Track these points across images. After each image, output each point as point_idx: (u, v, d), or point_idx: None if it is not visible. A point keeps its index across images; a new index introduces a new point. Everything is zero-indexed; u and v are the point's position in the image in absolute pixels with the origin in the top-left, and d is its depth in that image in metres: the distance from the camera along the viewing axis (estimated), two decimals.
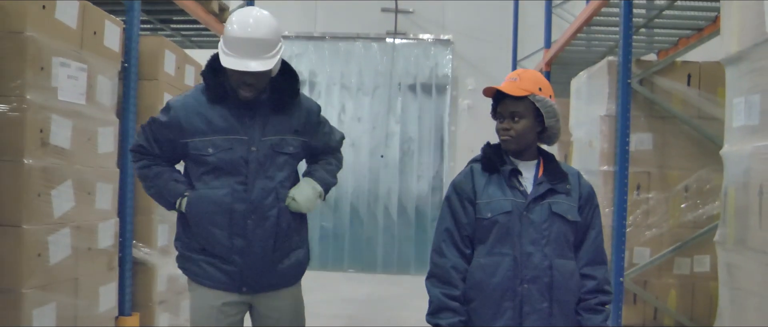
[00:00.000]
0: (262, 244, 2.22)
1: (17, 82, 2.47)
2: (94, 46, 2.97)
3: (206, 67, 2.25)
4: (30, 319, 2.52)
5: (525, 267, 1.93)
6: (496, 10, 8.11)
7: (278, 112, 2.26)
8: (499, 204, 1.96)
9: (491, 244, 1.97)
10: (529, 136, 1.99)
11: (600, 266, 2.00)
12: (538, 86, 1.98)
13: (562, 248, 1.96)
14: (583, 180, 2.07)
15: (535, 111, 1.97)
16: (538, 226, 1.95)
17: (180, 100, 2.26)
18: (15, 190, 2.47)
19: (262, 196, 2.20)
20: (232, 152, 2.19)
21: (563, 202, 1.97)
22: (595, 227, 2.02)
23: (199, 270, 2.26)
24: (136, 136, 2.35)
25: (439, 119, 8.30)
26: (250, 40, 2.12)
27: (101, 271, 3.09)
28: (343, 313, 5.55)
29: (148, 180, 2.30)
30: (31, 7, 2.52)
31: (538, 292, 1.93)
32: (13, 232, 2.47)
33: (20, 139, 2.47)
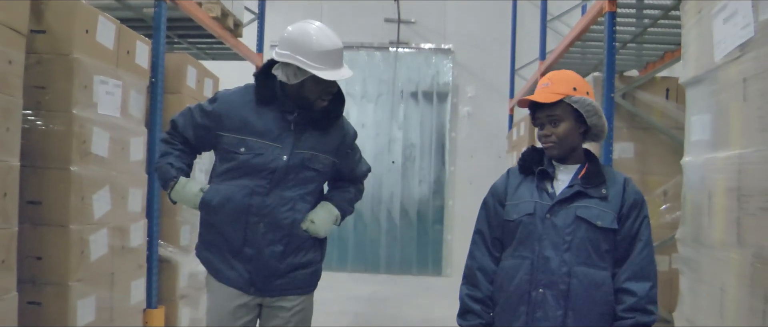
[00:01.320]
0: (270, 250, 2.23)
1: (65, 99, 2.79)
2: (128, 64, 3.29)
3: (260, 70, 2.29)
4: (75, 309, 2.84)
5: (542, 271, 1.86)
6: (494, 21, 8.40)
7: (318, 128, 2.28)
8: (524, 205, 1.91)
9: (514, 246, 1.93)
10: (572, 139, 1.91)
11: (643, 282, 1.83)
12: (572, 86, 1.90)
13: (587, 256, 1.84)
14: (631, 187, 1.92)
15: (574, 112, 1.89)
16: (560, 230, 1.86)
17: (228, 94, 2.31)
18: (63, 194, 2.78)
19: (278, 204, 2.21)
20: (262, 157, 2.21)
21: (594, 207, 1.87)
22: (643, 239, 1.86)
23: (216, 264, 2.30)
24: (178, 115, 2.37)
25: (440, 126, 8.60)
26: (339, 50, 2.18)
27: (132, 268, 3.41)
28: (349, 310, 5.84)
29: (159, 155, 2.38)
30: (77, 31, 2.83)
31: (554, 298, 1.84)
32: (61, 232, 2.79)
33: (67, 149, 2.79)
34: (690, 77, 2.27)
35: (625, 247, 1.86)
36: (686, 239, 2.29)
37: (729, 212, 1.96)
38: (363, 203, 8.74)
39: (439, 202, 8.56)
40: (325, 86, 2.19)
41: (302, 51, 2.15)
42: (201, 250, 2.37)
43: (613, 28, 3.59)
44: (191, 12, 4.19)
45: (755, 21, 1.85)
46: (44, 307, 2.76)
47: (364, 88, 8.67)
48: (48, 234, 2.77)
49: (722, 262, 1.99)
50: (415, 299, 6.72)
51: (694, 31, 2.28)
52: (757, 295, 1.78)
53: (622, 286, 1.84)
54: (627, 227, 1.87)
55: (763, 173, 1.78)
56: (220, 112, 2.25)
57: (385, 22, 8.58)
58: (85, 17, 2.88)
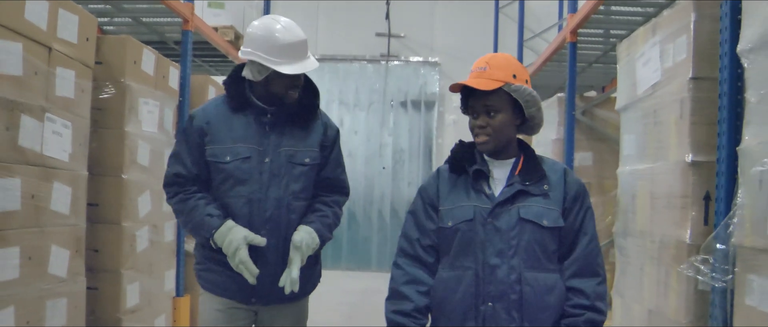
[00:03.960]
0: (274, 255, 2.18)
1: (118, 119, 3.37)
2: (163, 87, 3.87)
3: (229, 77, 2.25)
4: (125, 293, 3.41)
5: (489, 282, 1.67)
6: (478, 36, 9.02)
7: (297, 125, 2.23)
8: (461, 211, 1.72)
9: (453, 255, 1.73)
10: (508, 132, 1.73)
11: (591, 279, 1.68)
12: (511, 73, 1.70)
13: (536, 259, 1.67)
14: (571, 177, 1.76)
15: (512, 102, 1.70)
16: (504, 234, 1.68)
17: (201, 109, 2.27)
18: (117, 197, 3.36)
19: (275, 207, 2.17)
20: (249, 161, 2.17)
21: (536, 206, 1.69)
22: (588, 233, 1.71)
23: (215, 278, 2.23)
24: (168, 168, 2.26)
25: (428, 132, 9.23)
26: (301, 41, 2.14)
27: (166, 260, 3.98)
28: (345, 302, 6.44)
29: (182, 215, 2.22)
30: (127, 62, 3.41)
31: (505, 311, 1.66)
32: (115, 229, 3.36)
33: (120, 160, 3.37)
34: (622, 105, 2.91)
35: (570, 241, 1.71)
36: (619, 231, 2.92)
37: (645, 210, 2.59)
38: (356, 204, 9.35)
39: None
40: (291, 80, 2.14)
41: (263, 47, 2.11)
42: (201, 268, 2.29)
43: (575, 56, 4.22)
44: (210, 37, 4.77)
45: (661, 67, 2.49)
46: (100, 291, 3.33)
47: (356, 97, 9.27)
48: (103, 230, 3.34)
49: (642, 248, 2.62)
50: None
51: (624, 68, 2.92)
52: (662, 271, 2.41)
53: (567, 283, 1.69)
54: (570, 221, 1.71)
55: (666, 181, 2.42)
56: (201, 127, 2.20)
57: (376, 36, 9.16)
58: (133, 50, 3.46)
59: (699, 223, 2.23)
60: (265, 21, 2.19)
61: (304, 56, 2.17)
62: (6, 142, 2.39)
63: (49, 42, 2.65)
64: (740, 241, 1.87)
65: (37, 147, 2.59)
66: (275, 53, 2.12)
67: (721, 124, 2.08)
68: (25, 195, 2.50)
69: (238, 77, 2.23)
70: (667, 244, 2.39)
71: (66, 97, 2.80)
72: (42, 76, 2.61)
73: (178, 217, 2.28)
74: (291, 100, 2.19)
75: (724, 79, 2.07)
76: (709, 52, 2.22)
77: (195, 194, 2.21)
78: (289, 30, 2.15)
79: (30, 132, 2.53)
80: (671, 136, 2.42)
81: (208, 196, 2.22)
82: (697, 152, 2.26)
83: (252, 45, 2.15)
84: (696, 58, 2.26)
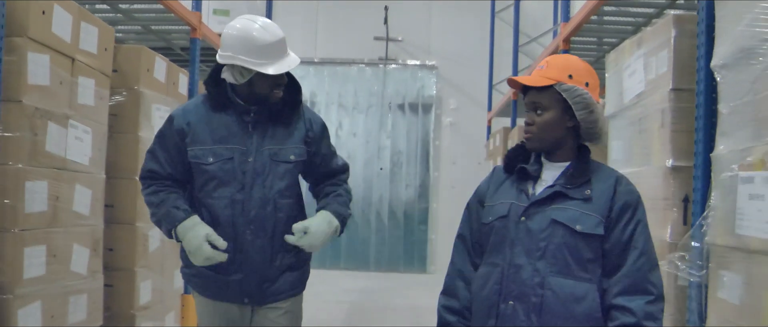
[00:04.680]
0: (260, 255, 2.16)
1: (133, 124, 3.54)
2: (173, 93, 4.04)
3: (209, 77, 2.22)
4: (139, 290, 3.58)
5: (512, 281, 1.65)
6: (475, 40, 9.21)
7: (279, 121, 2.21)
8: (499, 207, 1.72)
9: (489, 252, 1.73)
10: (555, 132, 1.66)
11: (640, 297, 1.57)
12: (567, 73, 1.66)
13: (565, 265, 1.61)
14: (623, 187, 1.67)
15: (562, 102, 1.65)
16: (534, 235, 1.64)
17: (181, 109, 2.25)
18: (131, 199, 3.52)
19: (259, 206, 2.14)
20: (232, 162, 2.14)
21: (573, 210, 1.63)
22: (638, 247, 1.60)
23: (203, 282, 2.22)
24: (144, 163, 2.28)
25: (425, 135, 9.41)
26: (279, 40, 2.12)
27: (175, 259, 4.13)
28: (345, 301, 6.61)
29: (152, 206, 2.22)
30: (142, 70, 3.59)
31: (524, 312, 1.62)
32: (129, 229, 3.53)
33: (135, 163, 3.53)
34: (610, 112, 3.10)
35: (617, 256, 1.61)
36: None
37: None
38: (354, 205, 9.49)
39: (423, 204, 9.37)
40: (275, 79, 2.13)
41: (243, 49, 2.08)
42: (191, 275, 2.26)
43: None
44: (215, 43, 4.93)
45: (645, 79, 2.67)
46: (115, 288, 3.49)
47: (355, 100, 9.45)
48: (119, 230, 3.50)
49: None
50: (402, 292, 7.51)
51: (612, 78, 3.10)
52: None
53: (614, 301, 1.58)
54: (617, 233, 1.61)
55: (650, 184, 2.60)
56: (181, 128, 2.18)
57: (374, 40, 9.34)
58: (146, 58, 3.63)
59: (679, 223, 2.41)
60: (243, 22, 2.14)
61: (284, 54, 2.15)
62: (35, 148, 2.56)
63: (72, 53, 2.82)
64: (713, 239, 2.05)
65: (61, 152, 2.76)
66: (256, 54, 2.09)
67: (698, 132, 2.27)
68: (51, 197, 2.67)
69: (219, 78, 2.19)
70: None
71: (87, 105, 2.98)
72: (66, 85, 2.79)
73: (149, 209, 2.25)
74: (275, 98, 2.17)
75: (700, 91, 2.26)
76: (689, 66, 2.40)
77: (168, 188, 2.21)
78: (267, 30, 2.12)
79: (55, 138, 2.70)
80: (654, 142, 2.60)
81: (180, 192, 2.22)
82: (677, 158, 2.44)
83: (231, 49, 2.10)
84: (676, 71, 2.45)
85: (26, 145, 2.50)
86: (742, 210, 1.85)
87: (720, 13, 2.11)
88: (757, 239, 1.77)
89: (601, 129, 1.71)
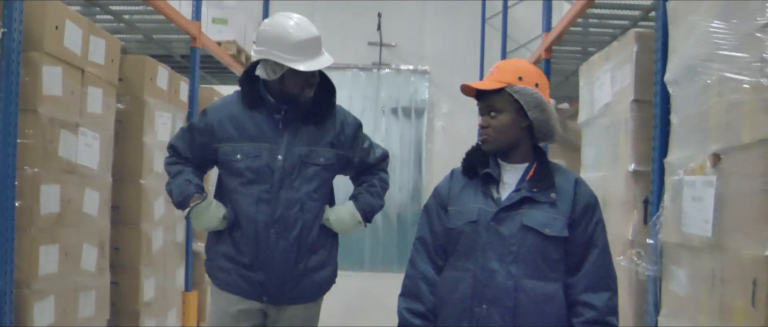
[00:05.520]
0: (283, 256, 2.16)
1: (138, 130, 3.76)
2: (175, 100, 4.26)
3: (243, 75, 2.24)
4: (142, 288, 3.79)
5: (486, 286, 1.69)
6: (466, 46, 9.43)
7: (312, 122, 2.20)
8: (467, 212, 1.75)
9: (456, 257, 1.76)
10: (510, 133, 1.73)
11: (602, 293, 1.68)
12: (517, 75, 1.72)
13: (536, 268, 1.68)
14: (583, 188, 1.76)
15: (515, 104, 1.71)
16: (506, 240, 1.69)
17: (216, 105, 2.28)
18: (136, 201, 3.74)
19: (286, 207, 2.15)
20: (260, 160, 2.15)
21: (541, 214, 1.69)
22: (598, 245, 1.71)
23: (226, 277, 2.24)
24: (174, 137, 2.40)
25: (418, 138, 9.64)
26: (314, 39, 2.13)
27: (177, 258, 4.36)
28: (340, 300, 6.76)
29: (169, 176, 2.34)
30: (146, 79, 3.80)
31: (499, 316, 1.67)
32: (134, 229, 3.74)
33: (139, 167, 3.75)
34: (582, 120, 3.33)
35: (579, 254, 1.70)
36: None
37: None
38: None
39: (417, 206, 9.59)
40: (306, 77, 2.13)
41: (277, 45, 2.09)
42: (211, 265, 2.32)
43: (549, 72, 4.64)
44: (214, 51, 5.15)
45: (612, 90, 2.91)
46: (120, 286, 3.71)
47: (349, 104, 9.64)
48: (124, 230, 3.72)
49: None
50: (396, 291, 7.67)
51: (585, 88, 3.34)
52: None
53: (578, 298, 1.68)
54: (579, 233, 1.71)
55: (616, 187, 2.83)
56: (211, 124, 2.22)
57: (368, 45, 9.55)
58: (150, 68, 3.85)
59: (640, 222, 2.64)
60: (278, 19, 2.17)
61: (318, 53, 2.15)
62: (49, 154, 2.77)
63: (82, 65, 3.03)
64: (665, 237, 2.28)
65: (72, 157, 2.97)
66: (290, 50, 2.10)
67: (655, 140, 2.50)
68: (64, 199, 2.89)
69: (252, 75, 2.21)
70: (615, 241, 2.80)
71: (95, 113, 3.19)
72: (77, 95, 3.00)
73: (168, 177, 2.37)
74: (306, 97, 2.16)
75: (657, 103, 2.49)
76: (649, 79, 2.63)
77: (186, 163, 2.32)
78: (302, 27, 2.13)
79: (67, 144, 2.92)
80: (620, 149, 2.83)
81: (196, 170, 2.33)
82: (638, 163, 2.67)
83: (265, 44, 2.12)
84: (637, 83, 2.68)
85: (41, 151, 2.71)
86: (686, 210, 2.08)
87: (672, 32, 2.34)
88: (697, 237, 2.00)
89: (554, 127, 1.77)
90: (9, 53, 2.44)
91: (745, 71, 1.76)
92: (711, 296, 1.89)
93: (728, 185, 1.83)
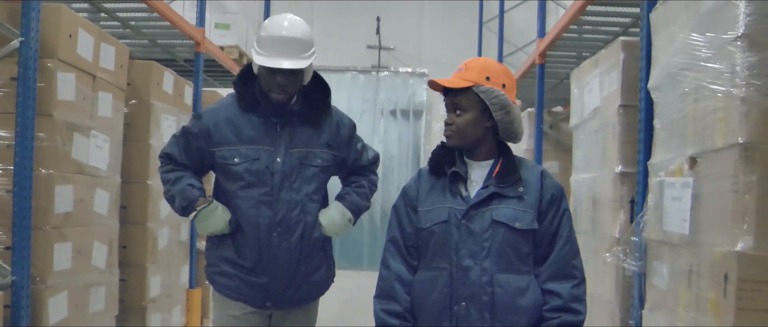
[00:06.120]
0: (287, 258, 2.15)
1: (144, 133, 3.89)
2: (180, 103, 4.39)
3: (238, 77, 2.24)
4: (149, 285, 3.92)
5: (462, 283, 1.71)
6: (464, 49, 9.54)
7: (308, 124, 2.19)
8: (437, 212, 1.77)
9: (430, 257, 1.77)
10: (474, 132, 1.75)
11: (567, 281, 1.72)
12: (485, 75, 1.73)
13: (508, 261, 1.72)
14: (548, 181, 1.79)
15: (480, 103, 1.73)
16: (477, 236, 1.72)
17: (210, 109, 2.25)
18: (143, 201, 3.87)
19: (287, 209, 2.14)
20: (259, 162, 2.14)
21: (510, 208, 1.73)
22: (563, 235, 1.74)
23: (228, 282, 2.21)
24: (167, 145, 2.34)
25: (416, 140, 9.79)
26: (283, 38, 2.10)
27: (182, 256, 4.49)
28: (339, 298, 6.89)
29: (167, 183, 2.27)
30: (152, 83, 3.94)
31: (477, 312, 1.70)
32: (141, 228, 3.87)
33: (145, 168, 3.88)
34: (574, 123, 3.47)
35: (546, 245, 1.75)
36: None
37: (588, 212, 3.14)
38: None
39: None
40: (275, 76, 2.10)
41: (256, 40, 2.15)
42: (213, 270, 2.28)
43: (543, 76, 4.78)
44: (217, 56, 5.29)
45: (600, 95, 3.04)
46: (127, 282, 3.84)
47: (349, 106, 9.79)
48: (131, 229, 3.85)
49: (586, 244, 3.17)
50: None
51: (576, 93, 3.48)
52: (599, 262, 2.96)
53: (544, 286, 1.73)
54: (546, 224, 1.75)
55: (604, 188, 2.97)
56: (207, 128, 2.19)
57: (367, 48, 9.70)
58: (157, 72, 3.98)
59: (626, 221, 2.78)
60: (274, 17, 2.22)
61: (286, 53, 2.10)
62: (63, 156, 2.90)
63: (93, 71, 3.17)
64: (648, 235, 2.41)
65: (85, 159, 3.10)
66: (260, 45, 2.13)
67: (639, 143, 2.63)
68: (77, 199, 3.02)
69: (248, 77, 2.22)
70: (603, 239, 2.94)
71: (105, 117, 3.32)
72: (88, 100, 3.13)
73: (164, 186, 2.30)
74: (276, 98, 2.13)
75: (641, 108, 2.63)
76: (635, 85, 2.77)
77: (183, 168, 2.27)
78: (278, 24, 2.13)
79: (80, 147, 3.05)
80: (608, 151, 2.97)
81: (194, 174, 2.27)
82: (625, 165, 2.81)
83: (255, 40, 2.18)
84: (624, 89, 2.81)
85: (56, 154, 2.84)
86: (667, 210, 2.21)
87: (655, 42, 2.47)
88: (677, 234, 2.13)
89: (518, 129, 1.80)
90: (26, 61, 2.57)
91: (718, 81, 1.89)
92: (688, 290, 2.03)
93: (703, 186, 1.96)
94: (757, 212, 1.71)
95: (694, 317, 1.97)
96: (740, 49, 1.79)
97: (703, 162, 1.98)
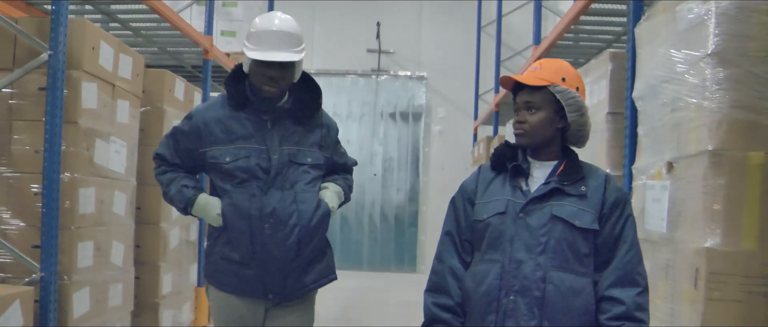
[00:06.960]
0: (280, 250, 2.14)
1: (157, 137, 4.07)
2: (189, 109, 4.56)
3: (229, 76, 2.23)
4: (161, 282, 4.11)
5: (514, 276, 1.67)
6: (462, 53, 9.79)
7: (298, 123, 2.21)
8: (495, 204, 1.74)
9: (484, 249, 1.74)
10: (546, 131, 1.72)
11: (631, 288, 1.65)
12: (560, 76, 1.72)
13: (564, 259, 1.66)
14: (613, 185, 1.74)
15: (555, 103, 1.71)
16: (534, 230, 1.68)
17: (202, 108, 2.26)
18: (156, 202, 4.06)
19: (279, 201, 2.13)
20: (249, 160, 2.15)
21: (571, 206, 1.68)
22: (627, 241, 1.68)
23: (225, 278, 2.21)
24: (159, 145, 2.33)
25: (415, 142, 9.99)
26: (274, 32, 2.11)
27: (191, 255, 4.68)
28: (340, 297, 7.14)
29: (163, 185, 2.29)
30: (165, 91, 4.13)
31: (527, 306, 1.65)
32: (155, 228, 4.07)
33: None
34: None
35: (608, 250, 1.68)
36: None
37: None
38: (348, 208, 10.04)
39: (414, 207, 9.94)
40: (266, 71, 2.10)
41: (247, 35, 2.16)
42: (211, 266, 2.27)
43: None
44: (223, 62, 5.48)
45: (590, 103, 3.24)
46: (141, 280, 4.02)
47: (349, 109, 10.01)
48: (145, 229, 4.04)
49: None
50: (393, 290, 8.05)
51: None
52: None
53: (606, 293, 1.65)
54: (609, 228, 1.69)
55: None
56: (198, 128, 2.19)
57: (367, 52, 9.90)
58: (169, 80, 4.18)
59: None
60: (263, 14, 2.25)
61: (277, 47, 2.10)
62: (86, 160, 3.10)
63: (113, 80, 3.36)
64: None
65: (105, 163, 3.29)
66: (250, 39, 2.13)
67: (625, 149, 2.83)
68: (98, 201, 3.21)
69: (238, 76, 2.22)
70: None
71: (123, 123, 3.51)
72: (108, 107, 3.32)
73: (161, 188, 2.31)
74: (267, 93, 2.14)
75: (627, 116, 2.82)
76: (622, 94, 2.97)
77: (175, 168, 2.28)
78: (269, 19, 2.14)
79: (101, 152, 3.24)
80: (597, 155, 3.17)
81: (188, 173, 2.28)
82: (613, 168, 3.00)
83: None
84: (612, 97, 3.01)
85: (80, 159, 3.03)
86: (648, 210, 2.41)
87: (640, 54, 2.67)
88: (656, 233, 2.33)
89: (588, 133, 1.78)
90: (55, 72, 2.77)
91: (693, 93, 2.09)
92: (666, 283, 2.23)
93: (679, 189, 2.16)
94: (724, 212, 1.91)
95: (671, 307, 2.17)
96: (710, 66, 1.99)
97: (679, 167, 2.18)
